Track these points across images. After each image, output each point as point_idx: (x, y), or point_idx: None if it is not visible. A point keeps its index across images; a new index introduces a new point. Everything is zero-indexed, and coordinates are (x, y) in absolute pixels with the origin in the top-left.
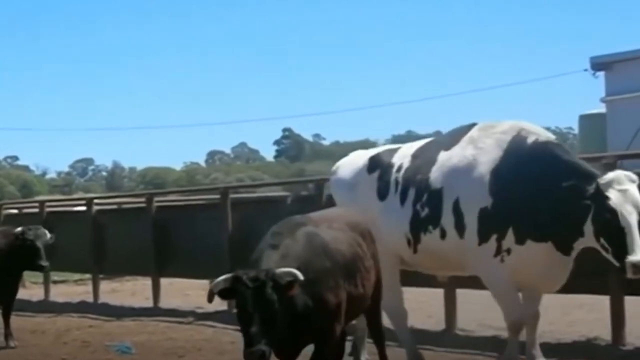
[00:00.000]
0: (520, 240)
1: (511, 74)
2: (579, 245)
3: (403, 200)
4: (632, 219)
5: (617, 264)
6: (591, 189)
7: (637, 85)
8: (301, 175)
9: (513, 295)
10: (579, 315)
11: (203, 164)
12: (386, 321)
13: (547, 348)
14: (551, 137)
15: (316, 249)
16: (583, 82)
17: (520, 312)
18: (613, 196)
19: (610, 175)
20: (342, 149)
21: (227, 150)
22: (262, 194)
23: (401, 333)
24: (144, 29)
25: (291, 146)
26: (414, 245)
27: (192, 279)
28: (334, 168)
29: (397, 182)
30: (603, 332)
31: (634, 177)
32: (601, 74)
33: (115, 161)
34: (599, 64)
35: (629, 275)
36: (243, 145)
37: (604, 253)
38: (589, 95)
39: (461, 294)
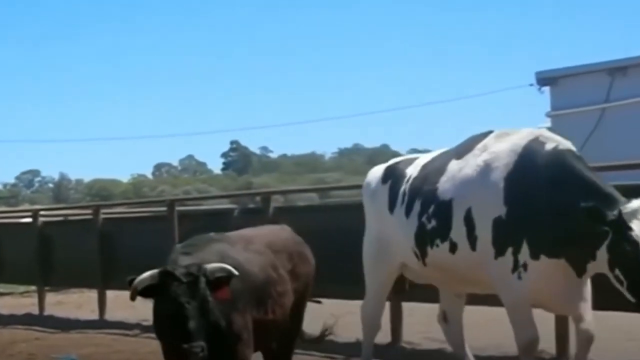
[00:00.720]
0: (534, 255)
1: (458, 88)
2: (592, 268)
3: (408, 212)
4: None
5: (631, 299)
6: (612, 215)
7: (582, 100)
8: (248, 188)
9: (529, 314)
10: None
11: (150, 176)
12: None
13: None
14: (572, 146)
15: None
16: (529, 97)
17: (534, 333)
18: (636, 227)
19: (635, 204)
20: (289, 162)
21: (175, 163)
22: (209, 206)
23: (365, 347)
24: (90, 39)
25: (238, 159)
26: (422, 259)
27: None
28: (369, 172)
29: (404, 194)
30: (548, 345)
31: None
32: (547, 88)
33: (62, 173)
34: (544, 79)
35: None
36: (190, 157)
37: (616, 284)
38: (535, 110)
39: (407, 307)
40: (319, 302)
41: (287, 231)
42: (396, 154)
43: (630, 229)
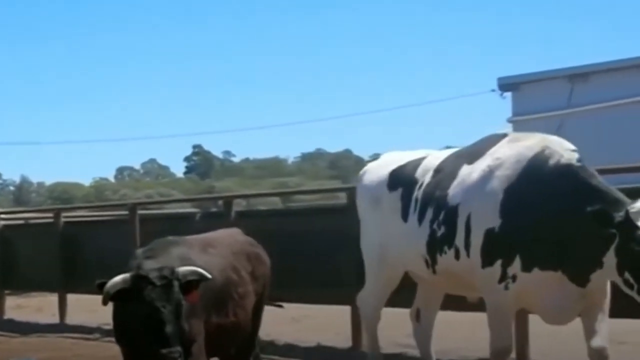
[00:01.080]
0: (526, 267)
1: (421, 93)
2: (597, 277)
3: (421, 219)
4: None
5: None
6: (619, 216)
7: (544, 106)
8: (211, 192)
9: (507, 323)
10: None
11: (112, 179)
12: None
13: None
14: (575, 157)
15: None
16: (491, 102)
17: (508, 343)
18: None
19: None
20: (252, 166)
21: (137, 167)
22: (171, 210)
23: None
24: (52, 43)
25: (201, 163)
26: (432, 266)
27: (99, 295)
28: (360, 172)
29: (416, 201)
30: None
31: None
32: (508, 94)
33: (23, 176)
34: (506, 85)
35: None
36: (153, 161)
37: (625, 289)
38: (497, 115)
39: None
40: (280, 306)
41: (241, 233)
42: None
43: (638, 228)
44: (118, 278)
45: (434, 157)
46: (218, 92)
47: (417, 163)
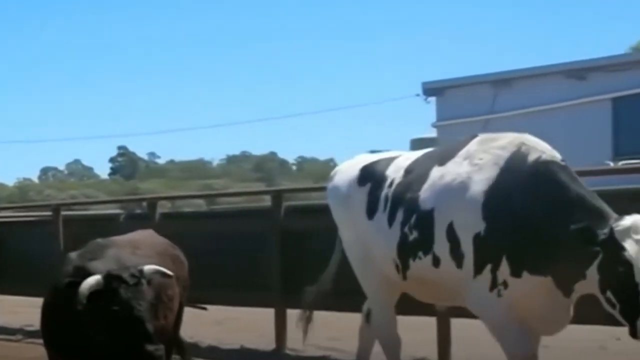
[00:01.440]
0: (516, 272)
1: (348, 96)
2: (581, 288)
3: (391, 221)
4: None
5: (625, 323)
6: (602, 234)
7: (468, 111)
8: (135, 194)
9: (514, 328)
10: (409, 336)
11: (36, 180)
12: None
13: None
14: (556, 156)
15: None
16: (415, 107)
17: (528, 348)
18: (630, 247)
19: (628, 221)
20: (177, 168)
21: (61, 167)
22: (95, 211)
23: None
24: None
25: (126, 164)
26: (403, 271)
27: (23, 296)
28: (332, 173)
29: (386, 199)
30: (430, 353)
31: None
32: (433, 99)
33: None
34: (430, 89)
35: None
36: (77, 162)
37: (607, 307)
38: (421, 120)
39: (292, 314)
40: (204, 308)
41: (157, 235)
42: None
43: (622, 248)
44: (91, 279)
45: (406, 157)
46: (143, 94)
47: (388, 162)
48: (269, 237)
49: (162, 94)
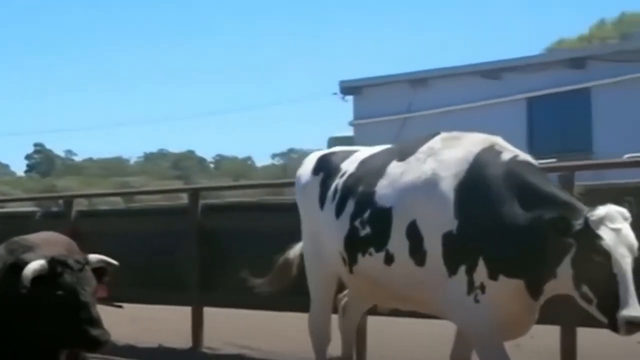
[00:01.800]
0: (492, 275)
1: (266, 94)
2: (550, 289)
3: (339, 212)
4: (626, 264)
5: (602, 318)
6: (577, 224)
7: (385, 110)
8: (52, 191)
9: (497, 342)
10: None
11: None
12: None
13: None
14: (527, 156)
15: None
16: (334, 106)
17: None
18: (606, 236)
19: (602, 210)
20: (94, 166)
21: None
22: (11, 209)
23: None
24: None
25: (42, 162)
26: (350, 265)
27: None
28: (302, 164)
29: (336, 190)
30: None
31: (627, 214)
32: (350, 97)
33: None
34: (348, 88)
35: (622, 333)
36: None
37: (583, 303)
38: (340, 119)
39: (208, 312)
40: (120, 306)
41: (59, 234)
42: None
43: (599, 237)
44: (34, 263)
45: (364, 152)
46: (60, 90)
47: (346, 154)
48: (186, 235)
49: (79, 90)
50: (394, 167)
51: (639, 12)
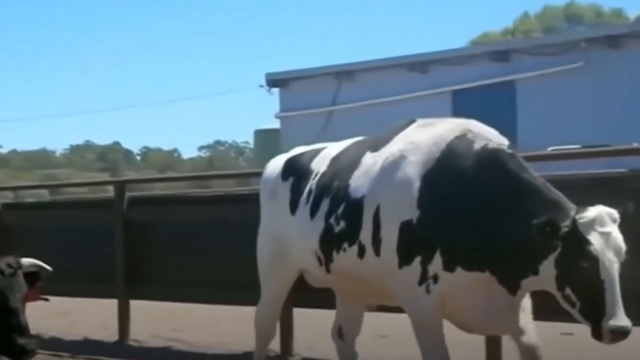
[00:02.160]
0: (449, 267)
1: (192, 87)
2: (531, 285)
3: (313, 213)
4: (614, 270)
5: (585, 323)
6: (564, 226)
7: (311, 103)
8: None
9: (439, 334)
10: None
11: None
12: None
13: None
14: (504, 143)
15: None
16: (260, 98)
17: (445, 357)
18: (595, 241)
19: (592, 212)
20: (20, 158)
21: None
22: None
23: (257, 357)
24: None
25: None
26: (326, 264)
27: None
28: (266, 165)
29: (310, 192)
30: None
31: (616, 215)
32: (276, 90)
33: None
34: (274, 81)
35: (606, 341)
36: None
37: (565, 305)
38: (266, 111)
39: (136, 305)
40: (46, 299)
41: None
42: (128, 152)
43: (588, 242)
44: None
45: (333, 148)
46: None
47: (314, 153)
48: (113, 228)
49: (2, 82)
50: (368, 158)
51: (562, 6)
